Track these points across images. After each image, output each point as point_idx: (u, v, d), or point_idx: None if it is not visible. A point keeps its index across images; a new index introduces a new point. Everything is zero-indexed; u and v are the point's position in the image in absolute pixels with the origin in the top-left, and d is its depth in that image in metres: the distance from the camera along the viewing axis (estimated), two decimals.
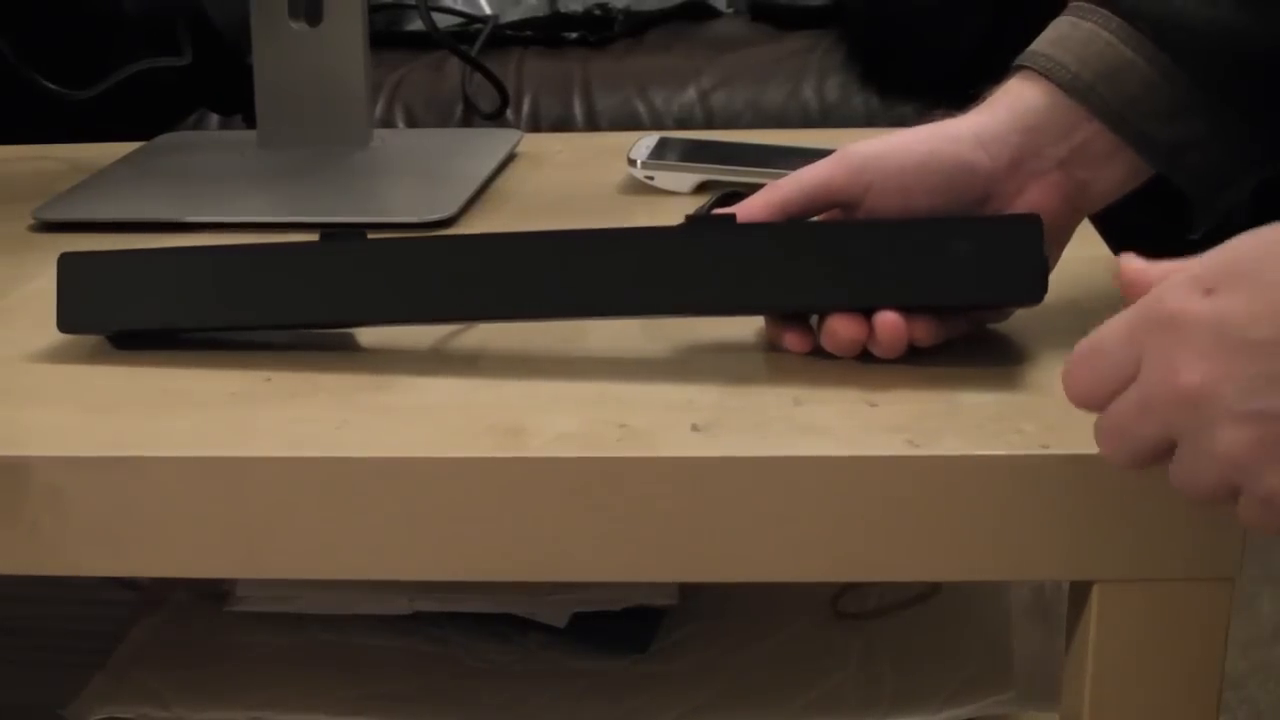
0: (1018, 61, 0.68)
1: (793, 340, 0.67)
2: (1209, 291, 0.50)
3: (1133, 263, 0.54)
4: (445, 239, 0.68)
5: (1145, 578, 0.59)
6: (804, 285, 0.64)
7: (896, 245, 0.64)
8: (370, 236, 0.69)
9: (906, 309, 0.64)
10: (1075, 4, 0.69)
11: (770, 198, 0.68)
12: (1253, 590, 1.67)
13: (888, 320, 0.64)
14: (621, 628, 0.84)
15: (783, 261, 0.64)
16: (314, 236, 0.69)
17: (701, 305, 0.66)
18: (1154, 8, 0.66)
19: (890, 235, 0.64)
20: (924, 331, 0.65)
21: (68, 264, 0.71)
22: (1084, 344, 0.54)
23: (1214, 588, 0.59)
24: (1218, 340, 0.49)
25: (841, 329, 0.64)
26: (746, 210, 0.67)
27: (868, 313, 0.64)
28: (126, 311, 0.70)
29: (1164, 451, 0.52)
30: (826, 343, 0.65)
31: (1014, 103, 0.68)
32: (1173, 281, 0.51)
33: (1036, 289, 0.64)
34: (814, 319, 0.67)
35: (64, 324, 0.71)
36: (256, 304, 0.69)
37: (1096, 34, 0.66)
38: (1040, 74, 0.67)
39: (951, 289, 0.63)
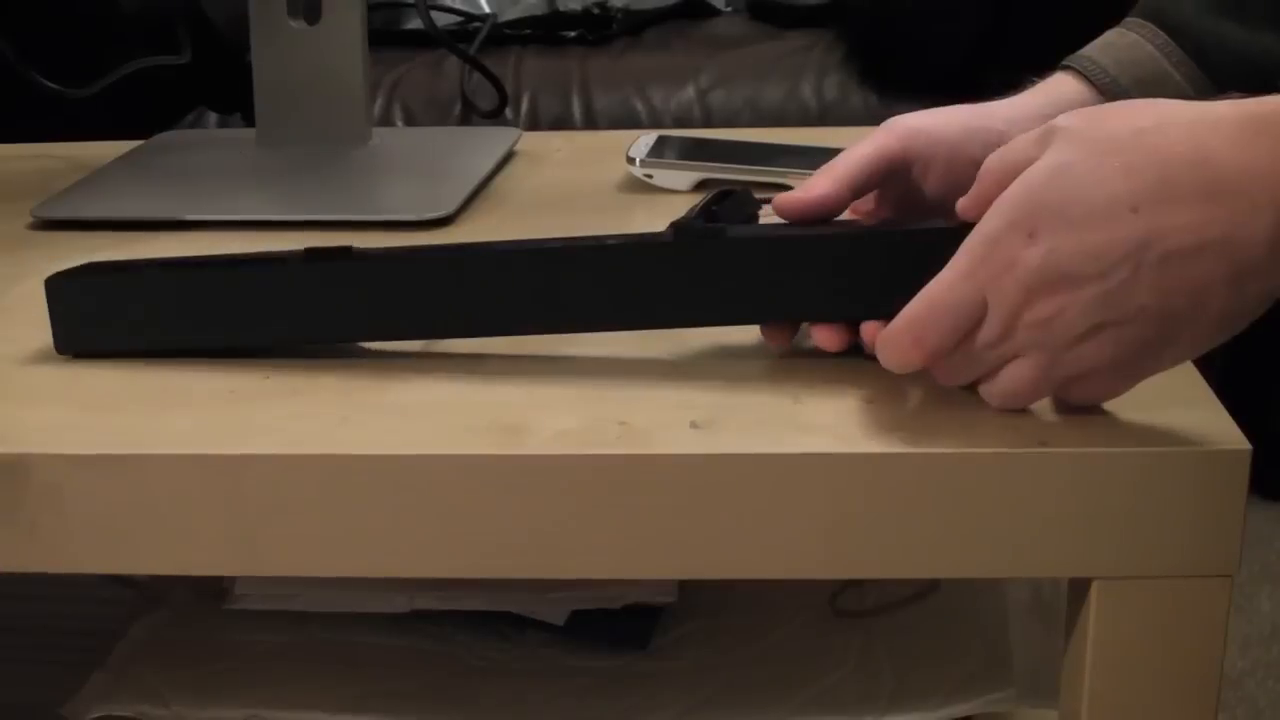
0: (1064, 62, 0.71)
1: (770, 336, 0.67)
2: (1031, 235, 0.56)
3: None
4: (433, 255, 0.68)
5: (1144, 575, 0.59)
6: (795, 298, 0.64)
7: (888, 256, 0.63)
8: (358, 248, 0.68)
9: None
10: (1128, 18, 0.71)
11: (834, 174, 0.67)
12: (1252, 589, 1.67)
13: (873, 332, 0.64)
14: (620, 625, 0.84)
15: (773, 274, 0.64)
16: (313, 234, 0.69)
17: (692, 318, 0.66)
18: (1199, 28, 0.67)
19: (881, 246, 0.63)
20: None
21: (56, 288, 0.70)
22: (916, 307, 0.59)
23: (1213, 585, 0.59)
24: (1052, 277, 0.55)
25: (825, 341, 0.65)
26: (809, 190, 0.66)
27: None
28: (120, 333, 0.70)
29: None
30: (817, 344, 0.65)
31: (1049, 93, 0.71)
32: (998, 224, 0.57)
33: None
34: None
35: (61, 347, 0.70)
36: (248, 322, 0.68)
37: (1141, 45, 0.68)
38: (1079, 73, 0.69)
39: None
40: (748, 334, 0.69)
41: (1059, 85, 0.71)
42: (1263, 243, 0.53)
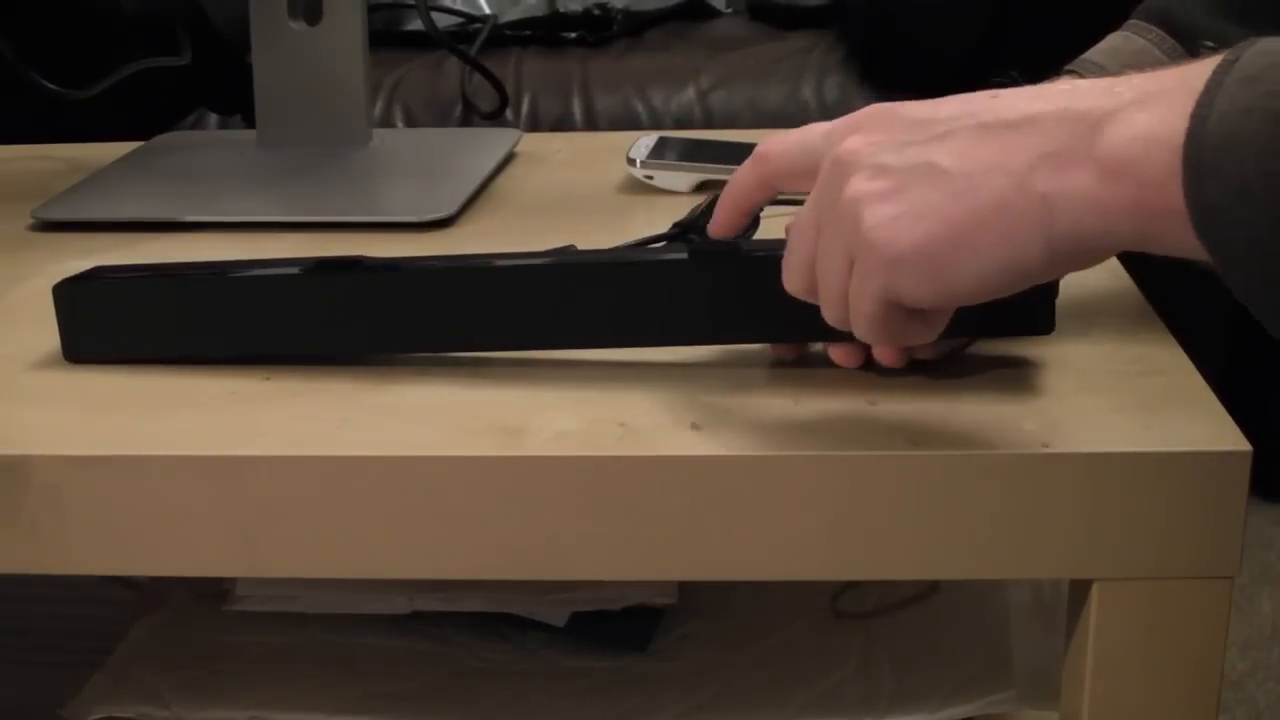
0: (1067, 67, 0.70)
1: (780, 348, 0.67)
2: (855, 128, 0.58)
3: None
4: (444, 269, 0.68)
5: (1145, 576, 0.59)
6: (811, 315, 0.63)
7: None
8: (369, 259, 0.68)
9: None
10: (1132, 21, 0.70)
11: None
12: (1253, 590, 1.67)
13: (887, 350, 0.64)
14: (621, 627, 0.84)
15: (789, 293, 0.63)
16: (313, 236, 0.69)
17: (707, 336, 0.66)
18: (1206, 31, 0.67)
19: None
20: (925, 350, 0.65)
21: (64, 294, 0.70)
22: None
23: (1213, 586, 0.59)
24: (879, 116, 0.57)
25: (841, 359, 0.65)
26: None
27: None
28: (129, 340, 0.69)
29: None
30: (834, 360, 0.66)
31: None
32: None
33: (1044, 322, 0.64)
34: None
35: (69, 354, 0.70)
36: (260, 332, 0.68)
37: (1149, 50, 0.68)
38: (1083, 78, 0.68)
39: (957, 323, 0.61)
40: None
41: None
42: (1074, 145, 0.52)
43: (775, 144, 0.62)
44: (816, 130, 0.60)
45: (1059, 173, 0.52)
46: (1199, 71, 0.50)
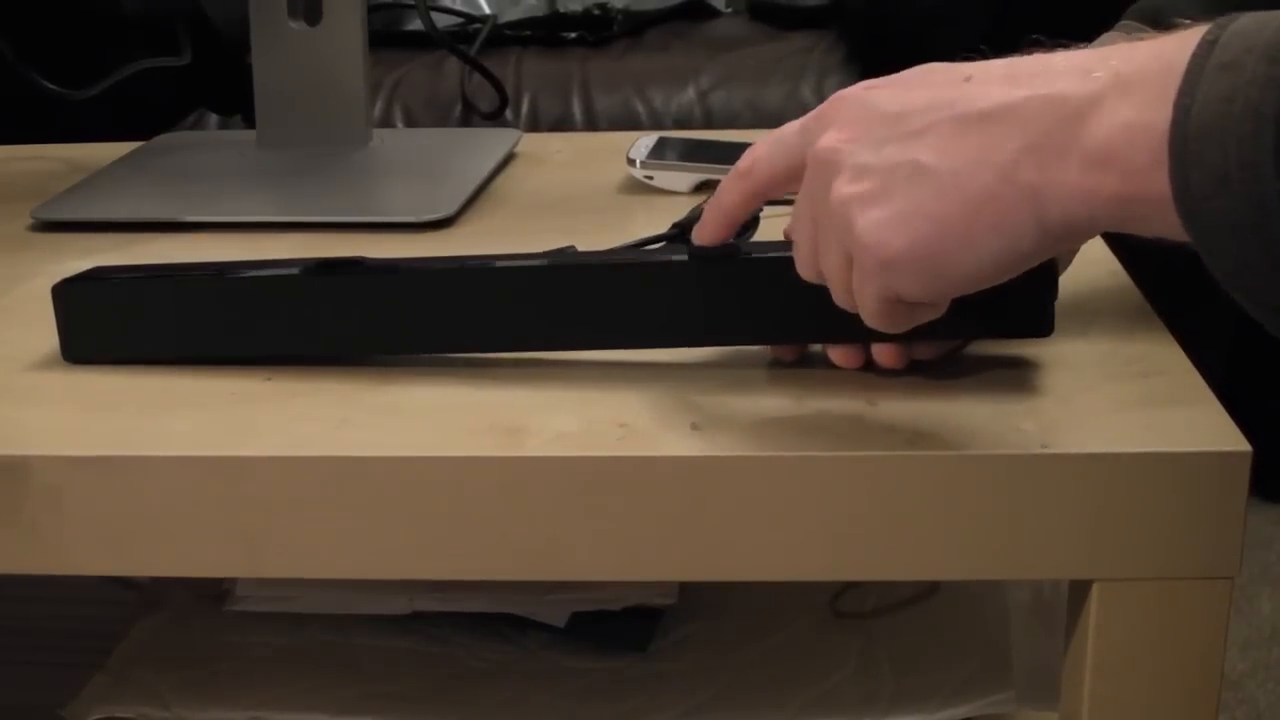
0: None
1: (780, 350, 0.67)
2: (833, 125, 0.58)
3: None
4: (444, 270, 0.67)
5: (1145, 577, 0.59)
6: (811, 318, 0.63)
7: None
8: (370, 260, 0.68)
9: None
10: (1123, 21, 0.70)
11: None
12: (1253, 590, 1.67)
13: (887, 351, 0.64)
14: (621, 627, 0.84)
15: (789, 296, 0.63)
16: (313, 236, 0.69)
17: (706, 338, 0.66)
18: None
19: None
20: (925, 350, 0.65)
21: (63, 294, 0.70)
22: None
23: (1214, 587, 0.59)
24: (850, 108, 0.57)
25: (841, 360, 0.65)
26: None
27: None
28: (129, 341, 0.69)
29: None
30: (834, 362, 0.65)
31: None
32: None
33: (1044, 325, 0.64)
34: None
35: (68, 354, 0.70)
36: (260, 332, 0.68)
37: None
38: None
39: (957, 325, 0.61)
40: None
41: None
42: (1057, 137, 0.52)
43: (758, 154, 0.62)
44: (791, 128, 0.61)
45: (1044, 165, 0.52)
46: (1175, 51, 0.50)
